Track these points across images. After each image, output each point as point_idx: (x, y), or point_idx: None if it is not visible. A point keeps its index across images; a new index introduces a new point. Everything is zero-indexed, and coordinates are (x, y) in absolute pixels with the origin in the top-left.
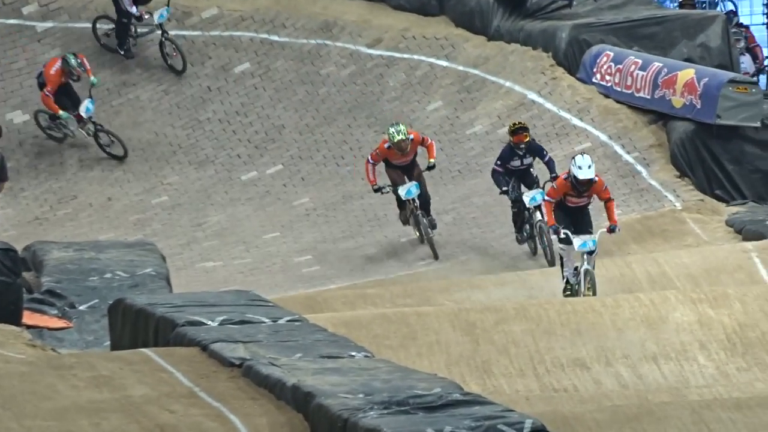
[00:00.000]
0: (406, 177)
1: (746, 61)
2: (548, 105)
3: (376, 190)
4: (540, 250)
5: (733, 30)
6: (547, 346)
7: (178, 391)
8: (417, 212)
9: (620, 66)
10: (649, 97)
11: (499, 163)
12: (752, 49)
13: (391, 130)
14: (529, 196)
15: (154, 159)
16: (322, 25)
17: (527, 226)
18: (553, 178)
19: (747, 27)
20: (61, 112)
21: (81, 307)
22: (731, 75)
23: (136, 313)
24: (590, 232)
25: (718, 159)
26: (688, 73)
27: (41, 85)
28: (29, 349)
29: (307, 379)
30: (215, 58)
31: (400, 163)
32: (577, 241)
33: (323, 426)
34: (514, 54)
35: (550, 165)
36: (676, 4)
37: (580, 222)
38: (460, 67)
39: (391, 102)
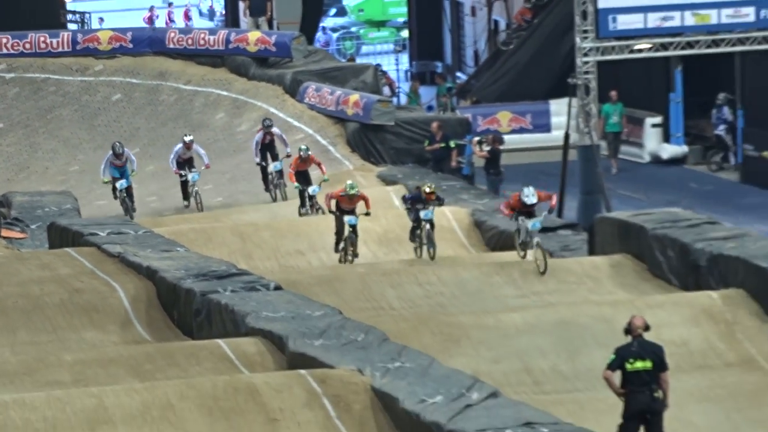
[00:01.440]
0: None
1: (386, 90)
2: (281, 114)
3: (332, 212)
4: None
5: (381, 74)
6: (281, 243)
7: (85, 271)
8: (427, 229)
9: (319, 93)
10: (335, 109)
11: (410, 199)
12: (390, 84)
13: (348, 184)
14: (423, 213)
15: (71, 146)
16: (159, 73)
17: (419, 232)
18: (440, 204)
19: (386, 72)
20: (296, 184)
21: (32, 227)
22: (377, 97)
23: (62, 229)
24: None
25: (372, 142)
26: (355, 96)
27: None
28: (4, 249)
29: (154, 263)
30: (102, 92)
31: (347, 208)
32: (528, 222)
33: (163, 288)
34: (263, 87)
35: (442, 203)
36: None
37: (531, 213)
38: (233, 95)
39: (197, 114)
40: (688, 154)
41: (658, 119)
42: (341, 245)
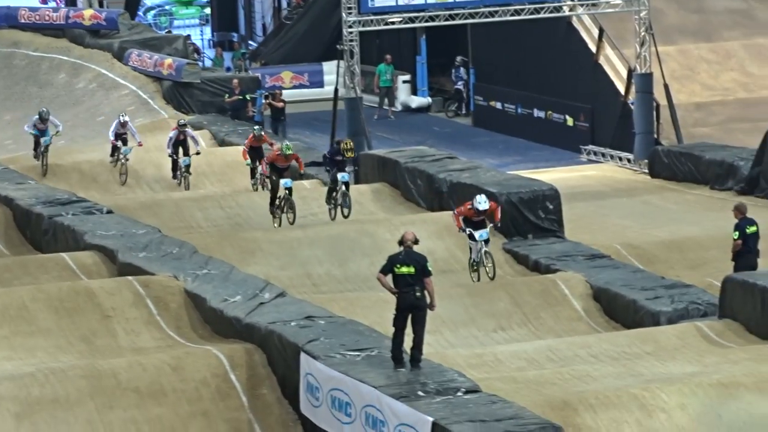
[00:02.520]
0: (281, 175)
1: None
2: (111, 75)
3: (268, 178)
4: (339, 214)
5: (189, 42)
6: (113, 176)
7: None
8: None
9: (140, 58)
10: (153, 70)
11: (329, 154)
12: (197, 50)
13: (284, 145)
14: (341, 175)
15: None
16: (13, 42)
17: (334, 195)
18: (356, 171)
19: (194, 44)
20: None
21: None
22: (186, 60)
23: None
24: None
25: (183, 96)
26: (169, 60)
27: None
28: None
29: (11, 193)
30: None
31: (281, 166)
32: (476, 233)
33: (18, 213)
34: (96, 54)
35: (357, 161)
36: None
37: (479, 225)
38: (72, 59)
39: (44, 75)
40: (431, 104)
41: (407, 77)
42: (276, 204)
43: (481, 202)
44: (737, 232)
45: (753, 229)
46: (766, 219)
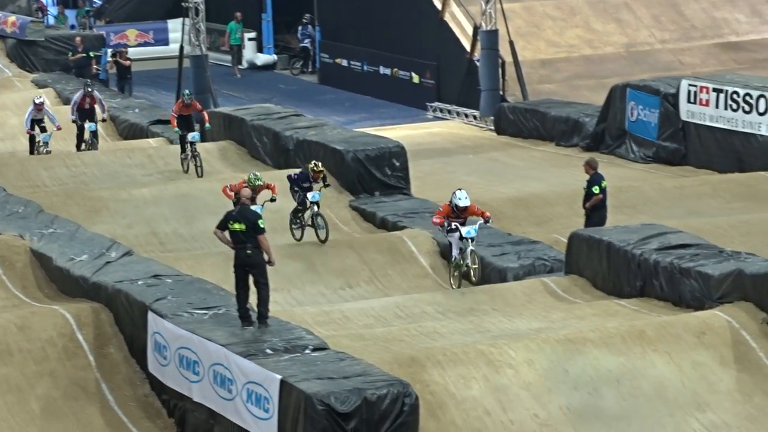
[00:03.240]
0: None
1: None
2: None
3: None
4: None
5: (33, 0)
6: None
7: None
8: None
9: None
10: (10, 31)
11: (296, 177)
12: (42, 8)
13: (252, 176)
14: (311, 195)
15: None
16: None
17: (300, 215)
18: (326, 184)
19: (38, 1)
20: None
21: None
22: (30, 18)
23: None
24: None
25: (27, 54)
26: (12, 18)
27: None
28: None
29: None
30: None
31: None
32: (463, 229)
33: None
34: None
35: (326, 183)
36: None
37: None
38: None
39: None
40: (277, 61)
41: (253, 34)
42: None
43: (462, 198)
44: (596, 187)
45: (605, 183)
46: (612, 175)
